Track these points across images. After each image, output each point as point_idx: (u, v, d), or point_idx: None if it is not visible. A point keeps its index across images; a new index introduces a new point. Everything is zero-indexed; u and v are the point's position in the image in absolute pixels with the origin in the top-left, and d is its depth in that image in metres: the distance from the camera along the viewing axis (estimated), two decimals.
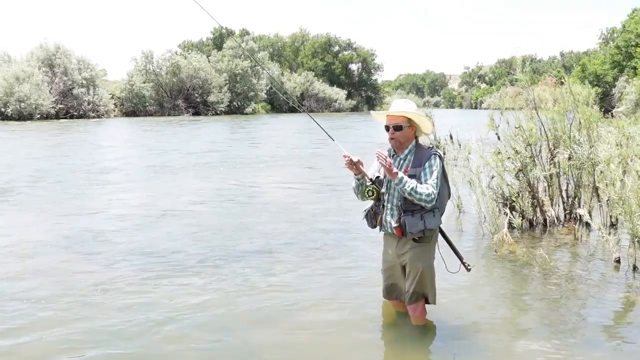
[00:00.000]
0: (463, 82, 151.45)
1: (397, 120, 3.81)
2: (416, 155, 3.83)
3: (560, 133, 7.18)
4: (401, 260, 3.92)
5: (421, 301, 3.96)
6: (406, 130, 3.82)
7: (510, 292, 5.01)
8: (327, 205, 8.97)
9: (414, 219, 3.73)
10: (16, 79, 39.10)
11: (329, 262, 5.82)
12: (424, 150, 3.84)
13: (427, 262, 3.86)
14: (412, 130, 3.86)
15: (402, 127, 3.80)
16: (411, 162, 3.82)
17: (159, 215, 8.04)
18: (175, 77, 52.84)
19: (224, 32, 78.82)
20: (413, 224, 3.73)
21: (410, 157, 3.84)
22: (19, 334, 4.04)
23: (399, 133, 3.81)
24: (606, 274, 5.43)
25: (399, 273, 4.00)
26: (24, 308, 4.51)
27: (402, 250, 3.88)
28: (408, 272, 3.90)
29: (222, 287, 5.06)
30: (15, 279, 5.22)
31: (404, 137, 3.84)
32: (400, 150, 3.89)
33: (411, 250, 3.83)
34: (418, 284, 3.86)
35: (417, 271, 3.83)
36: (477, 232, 6.99)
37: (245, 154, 17.18)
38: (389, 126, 3.84)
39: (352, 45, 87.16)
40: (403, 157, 3.88)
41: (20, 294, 4.80)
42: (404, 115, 3.81)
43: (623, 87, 34.74)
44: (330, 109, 71.33)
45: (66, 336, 4.00)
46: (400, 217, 3.77)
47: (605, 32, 63.32)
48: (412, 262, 3.84)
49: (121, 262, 5.75)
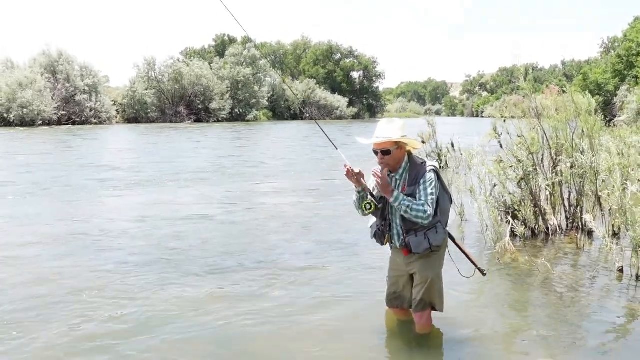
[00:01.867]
0: (465, 90, 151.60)
1: (384, 146, 3.72)
2: (411, 173, 3.76)
3: (562, 141, 7.18)
4: (409, 269, 3.90)
5: (428, 309, 3.95)
6: (395, 153, 3.73)
7: (513, 301, 5.00)
8: (330, 212, 8.96)
9: (418, 238, 3.71)
10: (19, 85, 39.24)
11: (332, 270, 5.81)
12: (418, 167, 3.76)
13: (436, 271, 3.86)
14: (401, 151, 3.78)
15: (391, 152, 3.72)
16: (407, 180, 3.76)
17: (162, 222, 8.04)
18: (177, 84, 53.00)
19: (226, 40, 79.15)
20: (418, 244, 3.72)
21: (406, 176, 3.78)
22: (20, 338, 4.03)
23: (388, 157, 3.73)
24: (609, 283, 5.41)
25: (405, 282, 3.98)
26: (24, 310, 4.51)
27: (411, 260, 3.87)
28: (416, 280, 3.89)
29: (223, 293, 5.05)
30: (17, 282, 5.21)
31: (394, 160, 3.75)
32: (395, 171, 3.82)
33: (420, 259, 3.82)
34: (426, 292, 3.85)
35: (427, 280, 3.82)
36: (479, 240, 6.98)
37: (250, 161, 17.20)
38: (377, 151, 3.75)
39: (353, 53, 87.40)
40: (398, 177, 3.81)
41: (22, 296, 4.80)
42: (390, 140, 3.71)
43: (624, 96, 34.73)
44: (332, 116, 71.43)
45: (65, 341, 4.00)
46: (405, 237, 3.76)
47: (607, 41, 63.48)
48: (421, 271, 3.83)
49: (122, 267, 5.74)
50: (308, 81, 73.23)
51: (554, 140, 7.33)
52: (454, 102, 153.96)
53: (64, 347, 3.94)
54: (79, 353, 3.86)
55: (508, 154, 7.27)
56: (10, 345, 3.96)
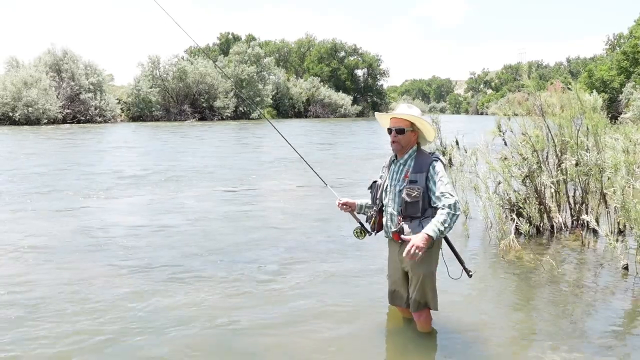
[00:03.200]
0: (469, 88, 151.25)
1: (400, 124, 3.80)
2: (417, 161, 3.79)
3: (567, 139, 7.16)
4: (403, 266, 3.90)
5: (425, 309, 3.94)
6: (408, 134, 3.81)
7: (517, 299, 4.99)
8: (332, 210, 8.95)
9: (413, 224, 3.70)
10: (24, 84, 39.36)
11: (334, 268, 5.82)
12: (425, 156, 3.80)
13: (428, 268, 3.81)
14: (414, 135, 3.85)
15: (405, 131, 3.79)
16: (411, 167, 3.78)
17: (165, 221, 8.06)
18: (181, 82, 53.04)
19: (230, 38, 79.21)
20: (411, 230, 3.69)
21: (411, 162, 3.81)
22: (22, 341, 4.05)
23: (401, 136, 3.80)
24: (614, 280, 5.40)
25: (400, 279, 3.98)
26: (25, 314, 4.53)
27: (403, 250, 3.87)
28: (410, 278, 3.89)
29: (226, 293, 5.06)
30: (19, 284, 5.23)
31: (405, 141, 3.82)
32: (401, 155, 3.87)
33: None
34: (419, 291, 3.84)
35: (419, 277, 3.81)
36: (483, 238, 6.97)
37: (256, 159, 17.22)
38: (392, 129, 3.83)
39: (357, 51, 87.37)
40: (403, 162, 3.85)
41: (23, 299, 4.82)
42: (408, 118, 3.80)
43: (630, 93, 34.58)
44: (336, 114, 71.44)
45: (67, 344, 4.02)
46: (400, 222, 3.76)
47: (612, 38, 63.11)
48: (412, 268, 3.82)
49: (125, 267, 5.76)
50: (312, 79, 73.24)
51: (558, 138, 7.31)
52: (458, 100, 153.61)
53: (68, 346, 3.96)
54: (85, 353, 3.88)
55: (513, 152, 7.25)
56: (17, 344, 3.98)
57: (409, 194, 3.68)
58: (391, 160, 3.96)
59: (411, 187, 3.70)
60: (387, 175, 3.95)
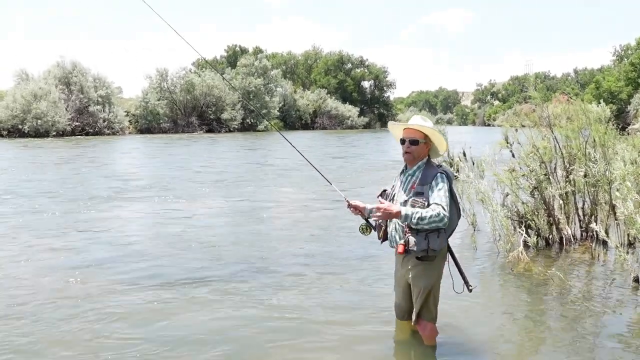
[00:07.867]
0: (476, 99, 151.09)
1: (414, 135, 3.82)
2: (424, 173, 3.79)
3: (575, 150, 7.12)
4: (407, 278, 3.89)
5: (430, 322, 3.92)
6: (421, 146, 3.83)
7: (526, 312, 4.95)
8: (340, 220, 8.95)
9: (419, 237, 3.67)
10: (33, 97, 39.71)
11: (343, 279, 5.80)
12: (432, 168, 3.80)
13: (429, 281, 3.79)
14: (426, 147, 3.86)
15: (418, 142, 3.81)
16: (419, 178, 3.78)
17: (175, 231, 8.08)
18: (189, 95, 53.37)
19: (237, 51, 79.84)
20: (416, 243, 3.67)
21: (419, 174, 3.81)
22: (29, 352, 4.07)
23: (414, 147, 3.81)
24: (624, 293, 5.34)
25: (404, 292, 3.98)
26: (32, 324, 4.54)
27: (406, 267, 3.86)
28: (413, 291, 3.88)
29: (235, 302, 5.06)
30: (26, 293, 5.25)
31: (418, 152, 3.83)
32: (411, 166, 3.88)
33: (414, 268, 3.80)
34: (420, 305, 3.83)
35: (420, 290, 3.80)
36: (491, 250, 6.93)
37: (264, 168, 17.26)
38: (405, 140, 3.84)
39: (364, 63, 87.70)
40: (412, 173, 3.86)
41: (30, 308, 4.84)
42: (424, 130, 3.82)
43: (638, 104, 34.49)
44: (343, 126, 71.55)
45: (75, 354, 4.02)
46: (405, 234, 3.74)
47: (619, 49, 63.06)
48: (414, 281, 3.81)
49: (133, 276, 5.77)
50: (319, 91, 73.49)
51: (566, 149, 7.28)
52: (465, 111, 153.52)
53: (79, 347, 3.97)
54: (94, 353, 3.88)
55: (520, 163, 7.22)
56: (27, 346, 4.00)
57: (413, 205, 3.68)
58: (402, 170, 3.98)
59: (416, 199, 3.69)
60: (397, 185, 3.96)
